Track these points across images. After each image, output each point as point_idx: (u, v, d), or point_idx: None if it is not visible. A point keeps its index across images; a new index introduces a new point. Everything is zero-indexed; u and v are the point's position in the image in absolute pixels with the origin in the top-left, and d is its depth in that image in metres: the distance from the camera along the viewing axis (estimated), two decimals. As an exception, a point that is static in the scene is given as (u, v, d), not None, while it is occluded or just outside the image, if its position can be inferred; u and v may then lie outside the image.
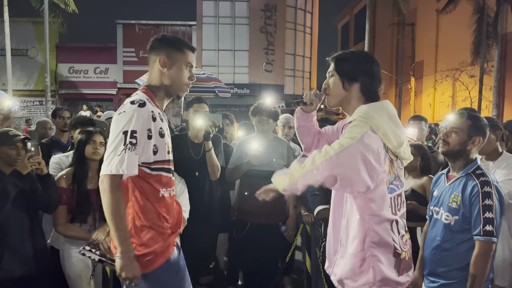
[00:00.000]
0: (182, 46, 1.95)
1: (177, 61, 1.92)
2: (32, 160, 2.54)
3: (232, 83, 20.51)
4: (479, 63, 16.15)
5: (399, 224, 1.78)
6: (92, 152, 2.83)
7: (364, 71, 1.83)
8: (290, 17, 22.52)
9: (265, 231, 3.33)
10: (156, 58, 1.92)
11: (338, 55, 1.89)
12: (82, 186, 2.81)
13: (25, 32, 20.99)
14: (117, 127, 1.76)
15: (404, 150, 1.81)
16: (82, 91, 21.73)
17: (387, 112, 1.78)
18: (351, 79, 1.82)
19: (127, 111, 1.77)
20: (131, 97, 1.86)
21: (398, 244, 1.75)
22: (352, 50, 1.95)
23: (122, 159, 1.72)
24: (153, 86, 1.94)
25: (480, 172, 2.20)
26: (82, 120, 3.36)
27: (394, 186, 1.78)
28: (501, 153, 2.92)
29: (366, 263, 1.74)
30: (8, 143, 2.56)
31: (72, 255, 2.79)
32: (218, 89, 8.00)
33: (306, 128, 2.07)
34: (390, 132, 1.72)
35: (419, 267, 2.48)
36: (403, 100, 21.93)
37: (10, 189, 2.52)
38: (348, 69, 1.84)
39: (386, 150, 1.72)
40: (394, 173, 1.78)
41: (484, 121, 2.30)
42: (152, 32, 21.36)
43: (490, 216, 2.07)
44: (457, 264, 2.19)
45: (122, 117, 1.76)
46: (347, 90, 1.83)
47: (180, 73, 1.93)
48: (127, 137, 1.73)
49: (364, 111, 1.74)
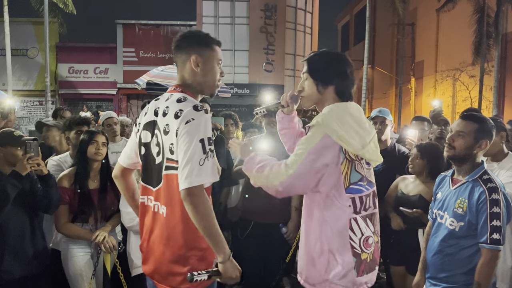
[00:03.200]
0: (211, 42, 1.89)
1: (209, 59, 1.87)
2: (31, 161, 2.52)
3: (232, 83, 20.49)
4: (479, 63, 16.13)
5: (361, 224, 1.76)
6: (94, 153, 2.82)
7: (338, 73, 1.84)
8: (290, 17, 22.50)
9: (268, 231, 3.32)
10: (187, 58, 1.84)
11: (311, 58, 1.89)
12: (84, 186, 2.81)
13: (25, 32, 20.97)
14: (191, 136, 1.67)
15: (370, 151, 1.80)
16: (82, 91, 21.71)
17: (350, 114, 1.79)
18: (325, 82, 1.83)
19: (196, 118, 1.69)
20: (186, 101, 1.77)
21: (357, 244, 1.74)
22: (325, 50, 1.92)
23: (207, 167, 1.66)
24: (189, 86, 1.87)
25: (487, 177, 2.14)
26: (77, 120, 3.33)
27: (360, 186, 1.79)
28: (506, 154, 2.87)
29: (323, 260, 1.77)
30: (14, 143, 2.55)
31: (73, 255, 2.79)
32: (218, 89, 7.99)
33: (288, 130, 2.10)
34: (350, 135, 1.72)
35: (421, 269, 2.46)
36: (403, 100, 21.92)
37: (9, 190, 2.51)
38: (322, 72, 1.84)
39: (344, 153, 1.73)
40: (359, 172, 1.78)
41: (491, 122, 2.23)
42: (152, 32, 21.37)
43: (497, 224, 2.03)
44: (460, 269, 2.17)
45: (194, 125, 1.68)
46: (321, 93, 1.84)
47: (213, 71, 1.89)
48: (206, 145, 1.68)
49: (322, 116, 1.76)
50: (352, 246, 1.74)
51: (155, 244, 1.84)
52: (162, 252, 1.80)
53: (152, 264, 1.86)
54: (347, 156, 1.74)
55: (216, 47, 1.90)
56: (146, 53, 21.13)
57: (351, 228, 1.74)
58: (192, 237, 1.75)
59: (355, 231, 1.75)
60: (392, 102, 23.86)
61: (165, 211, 1.79)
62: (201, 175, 1.65)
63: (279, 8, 21.85)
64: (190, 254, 1.76)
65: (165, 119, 1.77)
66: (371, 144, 1.80)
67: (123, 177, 2.09)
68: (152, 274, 1.87)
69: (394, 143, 3.72)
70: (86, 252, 2.83)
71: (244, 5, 21.80)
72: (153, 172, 1.85)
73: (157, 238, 1.83)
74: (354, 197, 1.75)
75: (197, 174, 1.64)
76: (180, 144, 1.69)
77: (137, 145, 1.96)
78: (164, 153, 1.78)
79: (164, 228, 1.79)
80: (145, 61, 20.52)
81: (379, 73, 25.23)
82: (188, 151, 1.66)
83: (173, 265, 1.77)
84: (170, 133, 1.74)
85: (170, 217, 1.77)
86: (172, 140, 1.73)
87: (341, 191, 1.74)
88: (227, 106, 19.01)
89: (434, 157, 3.02)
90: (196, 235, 1.72)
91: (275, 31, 21.93)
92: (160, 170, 1.80)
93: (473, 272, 2.11)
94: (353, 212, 1.75)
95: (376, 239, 1.84)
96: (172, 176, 1.75)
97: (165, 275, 1.81)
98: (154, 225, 1.85)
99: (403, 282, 3.14)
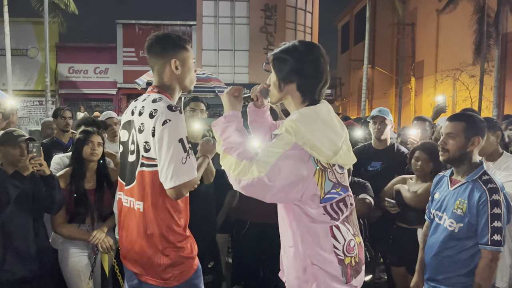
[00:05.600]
0: (184, 43, 1.96)
1: (186, 60, 1.96)
2: (34, 161, 2.53)
3: (232, 83, 20.49)
4: (479, 63, 16.14)
5: (342, 230, 1.69)
6: (90, 153, 2.82)
7: (299, 71, 1.69)
8: (290, 17, 22.50)
9: (265, 231, 3.32)
10: (166, 62, 1.92)
11: (276, 53, 1.75)
12: (80, 186, 2.80)
13: (25, 32, 20.98)
14: (170, 136, 1.75)
15: (342, 156, 1.70)
16: (82, 91, 21.72)
17: (321, 118, 1.67)
18: (286, 80, 1.71)
19: (172, 119, 1.77)
20: (161, 101, 1.83)
21: (340, 251, 1.67)
22: (293, 44, 1.74)
23: (188, 165, 1.77)
24: (167, 87, 1.95)
25: (487, 178, 2.12)
26: (89, 121, 3.35)
27: (333, 194, 1.69)
28: (501, 153, 2.88)
29: (308, 272, 1.68)
30: (11, 143, 2.56)
31: (71, 255, 2.78)
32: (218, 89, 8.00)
33: (257, 123, 2.03)
34: (321, 143, 1.62)
35: (419, 270, 2.45)
36: (403, 100, 21.91)
37: (11, 190, 2.51)
38: (282, 68, 1.71)
39: (315, 162, 1.64)
40: (331, 180, 1.68)
41: (479, 118, 2.23)
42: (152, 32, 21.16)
43: (498, 225, 2.01)
44: (459, 270, 2.15)
45: (171, 126, 1.76)
46: (282, 90, 1.74)
47: (190, 70, 1.99)
48: (185, 144, 1.78)
49: (292, 124, 1.62)
50: (336, 254, 1.67)
51: (133, 238, 1.90)
52: (140, 246, 1.87)
53: (133, 258, 1.93)
54: (319, 166, 1.64)
55: (189, 47, 1.98)
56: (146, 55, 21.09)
57: (333, 236, 1.67)
58: (165, 231, 1.85)
59: (338, 238, 1.67)
60: (392, 102, 23.86)
61: (141, 206, 1.86)
62: (184, 174, 1.76)
63: (279, 8, 21.86)
64: (166, 246, 1.86)
65: (140, 118, 1.85)
66: (343, 147, 1.71)
67: None
68: (134, 268, 1.94)
69: (393, 143, 3.72)
70: (84, 252, 2.83)
71: (244, 5, 21.80)
72: (127, 169, 1.93)
73: (134, 233, 1.90)
74: (325, 205, 1.66)
75: (181, 172, 1.75)
76: (160, 144, 1.76)
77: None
78: (139, 151, 1.86)
79: (141, 222, 1.87)
80: (145, 61, 20.08)
81: (379, 73, 25.23)
82: (170, 151, 1.75)
83: (154, 257, 1.86)
84: (144, 131, 1.82)
85: (146, 211, 1.85)
86: (147, 138, 1.81)
87: (317, 202, 1.66)
88: (227, 106, 18.99)
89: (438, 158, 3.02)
90: (169, 228, 1.85)
91: (275, 31, 21.93)
92: (134, 168, 1.88)
93: (473, 274, 2.10)
94: (331, 219, 1.67)
95: (358, 240, 1.76)
96: (146, 173, 1.83)
97: (147, 267, 1.89)
98: (130, 221, 1.92)
99: (405, 283, 3.13)
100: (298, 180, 1.60)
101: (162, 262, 1.85)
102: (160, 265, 1.85)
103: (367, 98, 20.10)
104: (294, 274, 1.73)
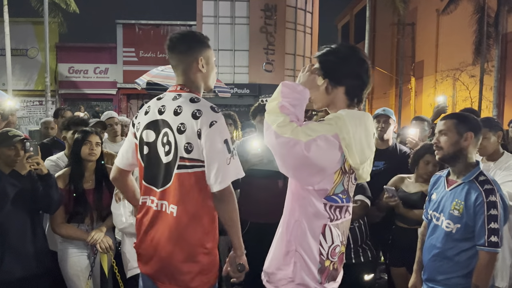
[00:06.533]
0: (208, 41, 1.96)
1: (210, 58, 1.95)
2: (31, 160, 2.52)
3: (232, 83, 20.48)
4: (479, 63, 16.14)
5: (333, 232, 1.70)
6: (88, 153, 2.81)
7: (349, 73, 1.70)
8: (290, 17, 22.49)
9: (266, 231, 3.31)
10: (194, 60, 1.89)
11: (322, 54, 1.74)
12: (78, 186, 2.80)
13: (25, 32, 20.97)
14: (217, 138, 1.75)
15: (363, 169, 1.73)
16: (82, 91, 21.72)
17: (365, 126, 1.68)
18: (335, 82, 1.70)
19: (218, 121, 1.77)
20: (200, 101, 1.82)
21: (325, 250, 1.68)
22: (338, 46, 1.74)
23: (233, 165, 1.77)
24: (194, 86, 1.92)
25: (483, 178, 2.13)
26: (76, 121, 3.33)
27: (338, 198, 1.70)
28: (502, 153, 2.88)
29: (289, 257, 1.70)
30: (6, 144, 2.54)
31: (70, 255, 2.78)
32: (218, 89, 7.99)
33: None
34: (356, 147, 1.62)
35: (417, 270, 2.45)
36: (403, 100, 21.90)
37: (9, 190, 2.51)
38: (332, 70, 1.70)
39: (343, 161, 1.65)
40: (343, 185, 1.70)
41: (471, 116, 2.24)
42: (152, 32, 21.36)
43: (495, 226, 2.02)
44: (458, 272, 2.15)
45: (218, 127, 1.76)
46: (329, 93, 1.72)
47: (214, 68, 1.98)
48: (230, 145, 1.78)
49: (339, 116, 1.65)
50: (320, 252, 1.68)
51: (160, 244, 1.83)
52: (169, 252, 1.81)
53: (156, 264, 1.85)
54: (342, 167, 1.66)
55: (209, 43, 1.97)
56: (146, 53, 21.12)
57: (323, 233, 1.68)
58: (201, 236, 1.82)
59: (326, 238, 1.69)
60: (392, 102, 23.85)
61: (175, 210, 1.79)
62: (229, 175, 1.76)
63: (279, 8, 21.84)
64: (199, 252, 1.81)
65: (179, 118, 1.79)
66: (368, 161, 1.74)
67: (122, 178, 2.08)
68: (156, 274, 1.86)
69: (395, 143, 3.72)
70: (83, 252, 2.82)
71: (244, 5, 21.78)
72: (159, 171, 1.84)
73: (162, 238, 1.82)
74: (326, 203, 1.68)
75: (226, 174, 1.75)
76: (206, 145, 1.75)
77: (135, 146, 1.95)
78: (176, 152, 1.79)
79: (174, 227, 1.80)
80: (145, 61, 20.52)
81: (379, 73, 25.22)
82: (214, 152, 1.74)
83: (183, 264, 1.80)
84: (186, 132, 1.76)
85: (181, 216, 1.79)
86: (190, 139, 1.76)
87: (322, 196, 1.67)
88: (227, 106, 18.98)
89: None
90: (205, 233, 1.82)
91: (275, 31, 21.91)
92: (170, 169, 1.80)
93: (471, 275, 2.10)
94: (328, 218, 1.69)
95: (343, 250, 1.77)
96: (185, 175, 1.78)
97: (173, 275, 1.82)
98: (158, 225, 1.84)
99: (405, 283, 3.13)
100: (323, 166, 1.61)
101: (192, 269, 1.80)
102: (190, 273, 1.80)
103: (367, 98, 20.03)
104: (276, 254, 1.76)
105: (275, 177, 3.29)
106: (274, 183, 3.28)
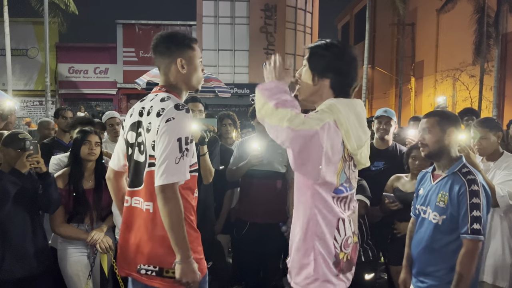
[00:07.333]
0: (190, 42, 1.96)
1: (192, 59, 1.95)
2: (31, 159, 2.53)
3: (232, 83, 20.50)
4: (479, 63, 16.14)
5: (346, 224, 1.73)
6: (87, 153, 2.82)
7: (335, 68, 1.74)
8: (290, 17, 22.50)
9: (265, 231, 3.32)
10: (172, 61, 1.91)
11: (314, 46, 1.81)
12: (78, 186, 2.80)
13: (25, 32, 20.99)
14: (170, 134, 1.74)
15: (362, 154, 1.76)
16: (82, 91, 21.73)
17: (355, 111, 1.71)
18: (321, 74, 1.75)
19: (176, 117, 1.76)
20: (169, 100, 1.83)
21: (338, 244, 1.71)
22: (330, 42, 1.80)
23: (181, 166, 1.74)
24: (174, 86, 1.94)
25: (466, 170, 2.19)
26: (82, 120, 3.36)
27: (343, 188, 1.73)
28: (501, 153, 2.90)
29: (308, 255, 1.71)
30: (15, 145, 2.57)
31: (70, 255, 2.78)
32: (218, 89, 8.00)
33: None
34: (352, 132, 1.67)
35: (406, 266, 2.47)
36: (403, 100, 21.91)
37: (9, 188, 2.52)
38: (319, 63, 1.76)
39: (343, 148, 1.68)
40: (345, 174, 1.73)
41: (450, 112, 2.32)
42: (152, 32, 21.35)
43: (477, 214, 2.07)
44: (446, 264, 2.18)
45: (173, 124, 1.75)
46: (315, 84, 1.77)
47: (197, 69, 1.98)
48: (182, 144, 1.75)
49: (331, 104, 1.69)
50: (334, 246, 1.71)
51: (143, 240, 1.85)
52: (152, 248, 1.83)
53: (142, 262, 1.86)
54: (345, 153, 1.70)
55: (195, 46, 1.97)
56: (146, 53, 21.11)
57: (337, 228, 1.71)
58: None
59: (340, 231, 1.71)
60: (392, 102, 23.85)
61: (151, 207, 1.83)
62: (175, 174, 1.73)
63: (279, 8, 21.85)
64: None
65: (149, 118, 1.84)
66: (365, 145, 1.77)
67: (115, 180, 2.12)
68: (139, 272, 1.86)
69: (395, 143, 3.73)
70: (83, 252, 2.82)
71: (244, 5, 21.80)
72: (136, 171, 1.90)
73: (145, 235, 1.85)
74: (334, 196, 1.71)
75: (172, 172, 1.73)
76: (159, 141, 1.76)
77: (125, 147, 2.00)
78: (146, 151, 1.84)
79: (150, 223, 1.83)
80: (145, 61, 20.53)
81: (379, 73, 25.23)
82: (166, 149, 1.73)
83: (166, 257, 1.81)
84: (151, 130, 1.81)
85: (156, 212, 1.80)
86: (154, 137, 1.79)
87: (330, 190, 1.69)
88: (227, 106, 19.00)
89: None
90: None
91: (275, 31, 21.93)
92: (142, 168, 1.86)
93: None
94: (340, 212, 1.72)
95: (356, 240, 1.80)
96: (154, 172, 1.80)
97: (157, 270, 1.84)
98: (139, 222, 1.88)
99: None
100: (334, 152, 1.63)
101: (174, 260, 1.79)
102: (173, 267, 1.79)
103: (367, 98, 20.10)
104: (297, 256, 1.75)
105: (275, 178, 3.30)
106: (273, 183, 3.29)
